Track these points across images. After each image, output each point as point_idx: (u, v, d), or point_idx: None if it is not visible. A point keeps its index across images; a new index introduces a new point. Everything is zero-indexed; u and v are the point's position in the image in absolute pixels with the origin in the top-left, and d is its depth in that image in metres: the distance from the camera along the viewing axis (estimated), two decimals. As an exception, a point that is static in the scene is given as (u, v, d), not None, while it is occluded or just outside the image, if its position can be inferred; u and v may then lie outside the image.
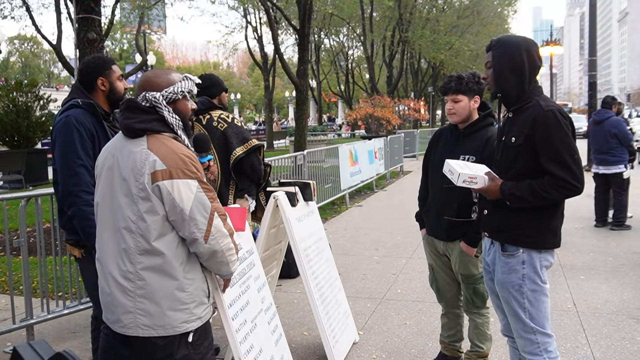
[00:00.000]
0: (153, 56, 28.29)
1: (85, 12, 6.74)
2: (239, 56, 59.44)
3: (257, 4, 24.15)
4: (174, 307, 2.13)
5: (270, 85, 29.95)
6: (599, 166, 8.07)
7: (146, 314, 2.12)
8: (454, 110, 3.28)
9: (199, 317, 2.21)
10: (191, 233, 2.10)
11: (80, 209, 2.83)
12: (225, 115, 4.01)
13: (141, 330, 2.13)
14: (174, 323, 2.14)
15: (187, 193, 2.08)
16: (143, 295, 2.11)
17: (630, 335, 4.20)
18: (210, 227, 2.11)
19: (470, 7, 34.67)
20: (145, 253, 2.11)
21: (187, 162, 2.11)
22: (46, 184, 13.59)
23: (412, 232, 7.60)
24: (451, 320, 3.64)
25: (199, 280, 2.22)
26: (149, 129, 2.16)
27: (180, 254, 2.15)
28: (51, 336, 4.37)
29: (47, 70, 67.88)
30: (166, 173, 2.07)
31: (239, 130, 3.96)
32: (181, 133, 2.23)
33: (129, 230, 2.12)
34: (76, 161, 2.86)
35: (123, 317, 2.15)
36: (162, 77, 2.24)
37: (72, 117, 2.91)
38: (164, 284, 2.12)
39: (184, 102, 2.27)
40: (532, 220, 2.57)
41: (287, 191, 3.82)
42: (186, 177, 2.09)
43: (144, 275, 2.11)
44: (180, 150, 2.14)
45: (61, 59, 14.23)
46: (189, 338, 2.18)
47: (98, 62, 3.09)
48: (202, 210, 2.10)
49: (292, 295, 5.31)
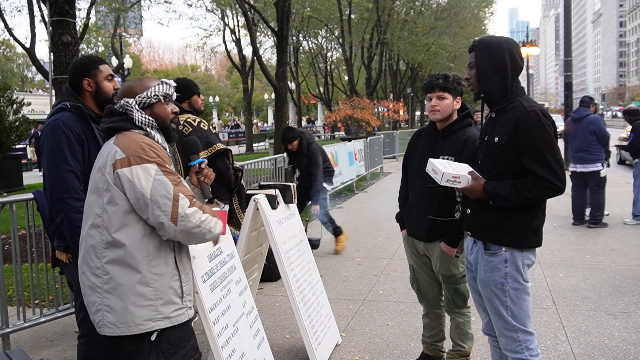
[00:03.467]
0: (129, 59, 27.96)
1: (59, 15, 6.62)
2: (217, 59, 59.20)
3: (235, 6, 24.07)
4: (136, 302, 2.09)
5: (249, 88, 29.88)
6: (577, 164, 8.18)
7: (111, 310, 2.10)
8: (438, 108, 3.26)
9: (167, 317, 2.15)
10: (156, 217, 2.08)
11: (68, 215, 2.76)
12: (192, 119, 3.94)
13: (107, 328, 2.11)
14: (137, 320, 2.10)
15: (146, 176, 2.08)
16: (108, 290, 2.10)
17: (608, 331, 4.25)
18: (176, 208, 2.08)
19: (447, 8, 34.98)
20: (110, 246, 2.10)
21: (146, 149, 2.12)
22: (21, 190, 13.34)
23: (393, 233, 7.62)
24: (433, 320, 3.65)
25: (168, 277, 2.17)
26: (117, 127, 2.21)
27: (146, 247, 2.12)
28: (28, 345, 4.28)
29: (20, 74, 66.72)
30: (125, 161, 2.10)
31: (203, 135, 3.87)
32: (150, 130, 2.26)
33: (95, 226, 2.13)
34: (64, 167, 2.78)
35: (95, 316, 2.14)
36: (139, 85, 2.31)
37: (60, 121, 2.82)
38: (126, 277, 2.09)
39: (161, 105, 2.31)
40: (514, 219, 2.59)
41: (268, 194, 3.80)
42: (144, 162, 2.10)
43: (108, 268, 2.10)
44: (141, 139, 2.16)
45: (35, 62, 13.99)
46: (152, 337, 2.13)
47: (84, 62, 3.01)
48: (163, 191, 2.08)
49: (274, 299, 5.28)
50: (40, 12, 13.87)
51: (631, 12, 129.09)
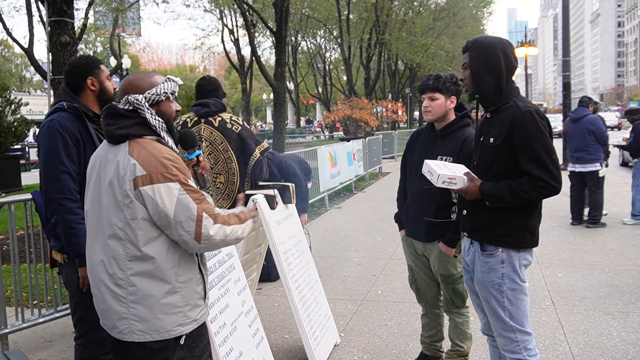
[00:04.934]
0: (128, 59, 27.96)
1: (57, 15, 6.62)
2: (215, 59, 59.09)
3: (234, 6, 24.08)
4: (167, 311, 2.10)
5: (247, 88, 29.90)
6: (575, 164, 8.19)
7: (140, 319, 2.09)
8: (429, 108, 3.31)
9: (194, 320, 2.19)
10: (180, 235, 2.07)
11: (63, 216, 2.75)
12: (236, 118, 4.15)
13: (136, 335, 2.11)
14: (168, 327, 2.11)
15: (169, 196, 2.05)
16: (135, 300, 2.09)
17: (607, 331, 4.26)
18: (200, 228, 2.07)
19: (445, 9, 35.03)
20: (135, 259, 2.08)
21: (168, 165, 2.08)
22: (19, 190, 13.32)
23: (392, 233, 7.62)
24: (431, 320, 3.66)
25: (193, 283, 2.18)
26: (130, 134, 2.13)
27: (172, 257, 2.12)
28: (26, 346, 4.28)
29: (18, 74, 66.62)
30: (147, 178, 2.04)
31: (251, 132, 4.14)
32: (164, 135, 2.20)
33: (116, 238, 2.09)
34: (59, 167, 2.77)
35: (118, 323, 2.12)
36: (145, 80, 2.22)
37: (56, 121, 2.81)
38: (155, 289, 2.09)
39: (168, 103, 2.24)
40: (511, 219, 2.59)
41: (266, 194, 3.80)
42: (167, 180, 2.05)
43: (134, 281, 2.08)
44: (160, 153, 2.10)
45: (33, 62, 13.96)
46: (181, 341, 2.16)
47: (86, 62, 3.00)
48: (186, 212, 2.06)
49: (273, 299, 5.28)
50: (38, 12, 13.85)
51: (629, 12, 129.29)
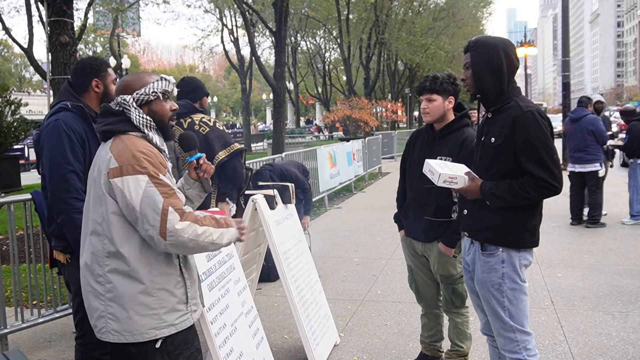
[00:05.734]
0: (127, 59, 27.96)
1: (57, 15, 6.61)
2: (215, 59, 59.13)
3: (233, 7, 24.07)
4: (140, 311, 2.07)
5: (247, 88, 29.89)
6: (575, 164, 8.19)
7: (115, 318, 2.08)
8: (427, 110, 3.31)
9: (172, 324, 2.13)
10: (145, 230, 2.03)
11: (71, 216, 2.74)
12: (207, 119, 4.02)
13: (111, 335, 2.09)
14: (141, 329, 2.08)
15: (136, 188, 2.02)
16: (111, 298, 2.08)
17: (606, 331, 4.26)
18: (165, 223, 2.01)
19: (445, 9, 34.99)
20: (111, 256, 2.07)
21: (139, 158, 2.05)
22: (19, 190, 13.32)
23: (391, 234, 7.63)
24: (431, 321, 3.66)
25: (171, 286, 2.13)
26: (115, 130, 2.14)
27: (147, 257, 2.09)
28: (26, 346, 4.27)
29: (18, 74, 66.59)
30: (117, 170, 2.04)
31: (221, 134, 3.96)
32: (148, 132, 2.18)
33: (96, 233, 2.09)
34: (66, 167, 2.76)
35: (97, 322, 2.11)
36: (138, 80, 2.22)
37: (61, 120, 2.81)
38: (128, 288, 2.07)
39: (160, 102, 2.23)
40: (511, 219, 2.59)
41: (266, 194, 3.80)
42: (136, 172, 2.03)
43: (111, 278, 2.07)
44: (135, 147, 2.08)
45: (33, 62, 13.95)
46: (157, 344, 2.11)
47: (95, 63, 3.02)
48: (151, 204, 2.02)
49: (272, 299, 5.28)
50: (38, 13, 13.82)
51: (629, 12, 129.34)
